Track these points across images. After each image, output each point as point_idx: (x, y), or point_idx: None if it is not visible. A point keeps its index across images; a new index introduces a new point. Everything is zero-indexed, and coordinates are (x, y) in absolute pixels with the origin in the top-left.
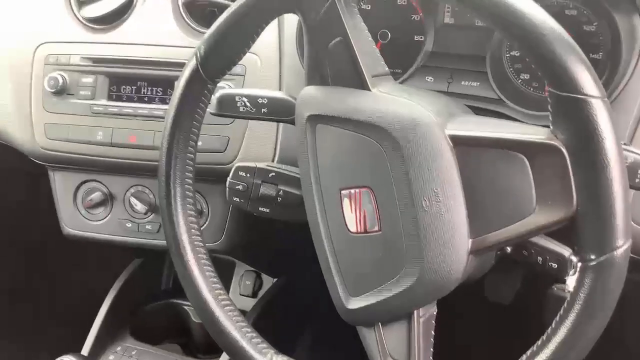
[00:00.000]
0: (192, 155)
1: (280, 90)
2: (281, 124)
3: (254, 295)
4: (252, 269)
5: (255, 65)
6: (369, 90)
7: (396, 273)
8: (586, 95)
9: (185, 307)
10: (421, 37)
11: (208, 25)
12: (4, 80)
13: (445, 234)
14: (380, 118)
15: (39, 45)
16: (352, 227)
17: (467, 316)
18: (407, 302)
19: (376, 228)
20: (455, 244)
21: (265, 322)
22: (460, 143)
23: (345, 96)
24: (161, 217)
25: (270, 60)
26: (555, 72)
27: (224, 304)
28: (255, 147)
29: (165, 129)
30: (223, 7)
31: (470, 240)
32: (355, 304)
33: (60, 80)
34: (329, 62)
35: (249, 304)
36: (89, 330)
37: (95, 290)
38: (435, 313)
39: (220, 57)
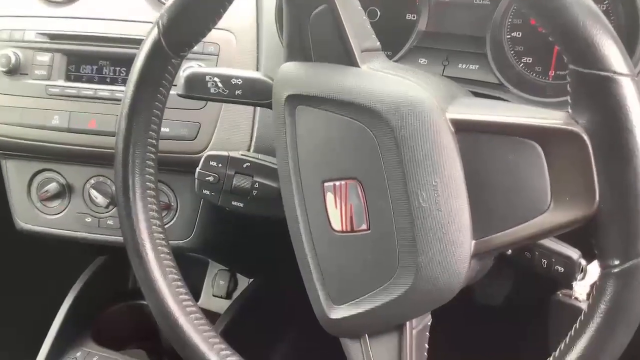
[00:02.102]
0: (153, 141)
1: (257, 70)
2: (258, 109)
3: (228, 296)
4: (226, 268)
5: (230, 43)
6: (358, 66)
7: (387, 279)
8: (614, 72)
9: None
10: (413, 16)
11: None
12: None
13: (444, 234)
14: (370, 98)
15: None
16: (337, 225)
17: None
18: (399, 312)
19: (364, 226)
20: (456, 245)
21: (239, 326)
22: (463, 128)
23: (329, 73)
24: (117, 210)
25: (247, 38)
26: (577, 46)
27: (189, 311)
28: (229, 134)
29: (123, 110)
30: None
31: (474, 241)
32: (339, 313)
33: (13, 58)
34: (311, 35)
35: (222, 305)
36: (45, 335)
37: (53, 291)
38: (429, 323)
39: (187, 26)
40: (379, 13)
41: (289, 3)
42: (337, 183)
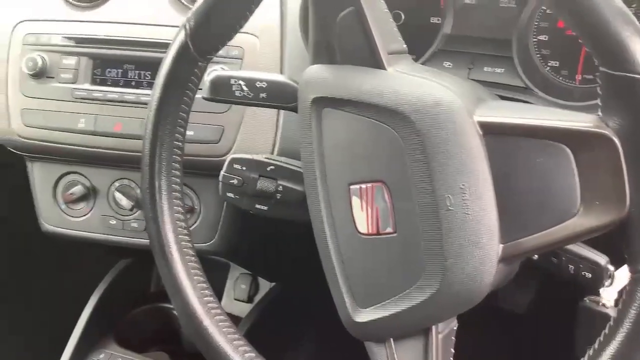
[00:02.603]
0: (179, 144)
1: (281, 73)
2: (282, 112)
3: (249, 300)
4: (247, 272)
5: (254, 47)
6: (384, 69)
7: (413, 282)
8: None
9: (175, 312)
10: (438, 19)
11: None
12: None
13: (471, 238)
14: (397, 101)
15: (18, 24)
16: (363, 228)
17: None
18: (425, 316)
19: (390, 229)
20: (483, 249)
21: (261, 330)
22: (491, 131)
23: (356, 76)
24: (144, 212)
25: (271, 41)
26: (608, 47)
27: (214, 314)
28: (253, 137)
29: (150, 113)
30: None
31: (501, 245)
32: (365, 316)
33: (40, 62)
34: (337, 37)
35: (243, 309)
36: (69, 337)
37: (76, 293)
38: (455, 328)
39: (214, 29)
40: (403, 16)
41: (315, 6)
42: (364, 186)
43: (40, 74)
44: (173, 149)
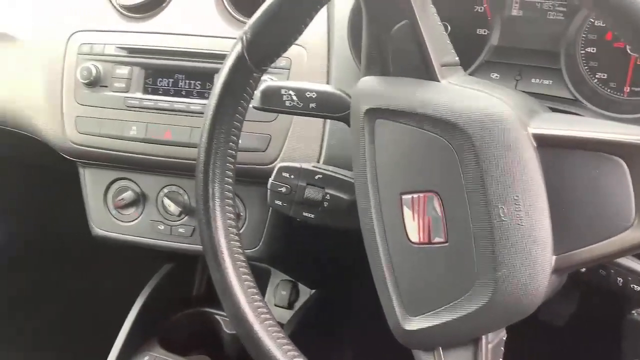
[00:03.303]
0: (233, 152)
1: (328, 84)
2: (328, 121)
3: (289, 306)
4: (288, 278)
5: (301, 57)
6: (437, 81)
7: (464, 292)
8: None
9: (217, 317)
10: (485, 31)
11: (250, 15)
12: (35, 70)
13: (524, 249)
14: (451, 113)
15: (73, 34)
16: (414, 237)
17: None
18: (476, 326)
19: (442, 239)
20: (536, 261)
21: (302, 337)
22: (545, 143)
23: (410, 87)
24: (197, 218)
25: (318, 52)
26: None
27: (264, 318)
28: (299, 146)
29: (206, 121)
30: None
31: (554, 257)
32: (414, 325)
33: (94, 71)
34: (391, 50)
35: (283, 315)
36: (113, 339)
37: (121, 297)
38: (504, 338)
39: (269, 42)
40: (449, 28)
41: (370, 19)
42: (415, 195)
43: (94, 82)
44: (227, 157)
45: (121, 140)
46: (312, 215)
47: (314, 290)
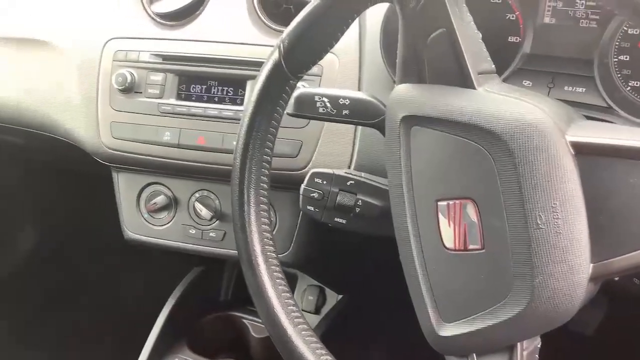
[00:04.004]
0: (268, 158)
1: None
2: (359, 128)
3: (316, 311)
4: (315, 283)
5: (333, 64)
6: (474, 88)
7: (500, 299)
8: None
9: (245, 321)
10: (516, 38)
11: (282, 23)
12: (71, 76)
13: (562, 257)
14: (488, 120)
15: (108, 41)
16: (449, 244)
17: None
18: (511, 333)
19: (478, 245)
20: (573, 268)
21: (331, 342)
22: (583, 151)
23: (446, 95)
24: (232, 223)
25: (349, 59)
26: None
27: (298, 322)
28: (330, 152)
29: (242, 127)
30: (299, 3)
31: (592, 265)
32: (449, 331)
33: (129, 78)
34: (427, 57)
35: (311, 320)
36: (145, 340)
37: (152, 299)
38: (539, 346)
39: (306, 50)
40: (480, 35)
41: (406, 27)
42: (451, 202)
43: (129, 89)
44: (262, 163)
45: (155, 145)
46: (344, 221)
47: (341, 296)
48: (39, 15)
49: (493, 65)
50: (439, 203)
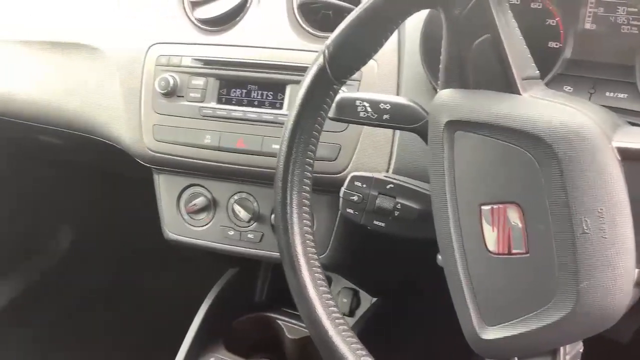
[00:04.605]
0: (311, 161)
1: (397, 95)
2: (398, 132)
3: (350, 314)
4: (349, 285)
5: (372, 69)
6: (519, 94)
7: (544, 303)
8: None
9: (279, 322)
10: (556, 44)
11: (321, 29)
12: (114, 80)
13: (607, 261)
14: (534, 125)
15: (151, 46)
16: (493, 247)
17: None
18: (555, 337)
19: (522, 250)
20: (618, 273)
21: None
22: (629, 157)
23: (491, 100)
24: (275, 224)
25: (388, 64)
26: None
27: (338, 323)
28: (369, 156)
29: (286, 130)
30: (338, 9)
31: (637, 270)
32: (491, 334)
33: (171, 82)
34: (471, 63)
35: None
36: (180, 340)
37: (188, 299)
38: (581, 351)
39: (350, 55)
40: (524, 41)
41: (451, 33)
42: (495, 206)
43: (171, 93)
44: (305, 166)
45: (195, 148)
46: (383, 224)
47: (375, 299)
48: (84, 21)
49: (537, 71)
50: (482, 207)
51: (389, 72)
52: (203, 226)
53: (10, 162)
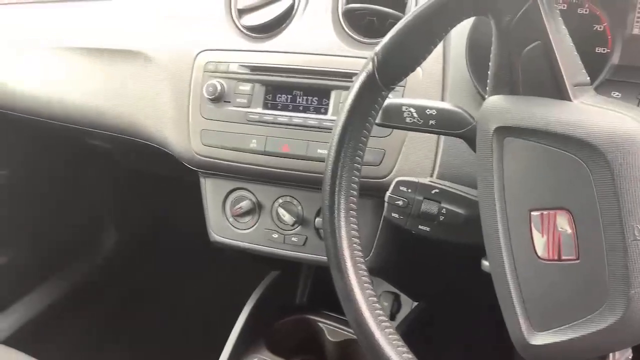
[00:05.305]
0: (358, 166)
1: (442, 101)
2: (442, 138)
3: (391, 318)
4: (390, 289)
5: (417, 75)
6: (570, 100)
7: (595, 309)
8: None
9: (320, 324)
10: (604, 49)
11: (366, 35)
12: (164, 86)
13: None
14: (585, 132)
15: (199, 53)
16: (542, 253)
17: None
18: (604, 343)
19: (573, 256)
20: None
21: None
22: None
23: (542, 106)
24: (322, 228)
25: (433, 69)
26: None
27: (385, 326)
28: (412, 161)
29: (334, 136)
30: (383, 16)
31: None
32: (540, 339)
33: (219, 88)
34: (521, 69)
35: None
36: (224, 339)
37: (229, 301)
38: (630, 357)
39: (399, 62)
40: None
41: (501, 39)
42: (545, 212)
43: (218, 98)
44: (353, 171)
45: (241, 152)
46: (428, 229)
47: (416, 303)
48: (134, 28)
49: (588, 78)
50: (532, 213)
51: (434, 78)
52: (248, 229)
53: (59, 164)
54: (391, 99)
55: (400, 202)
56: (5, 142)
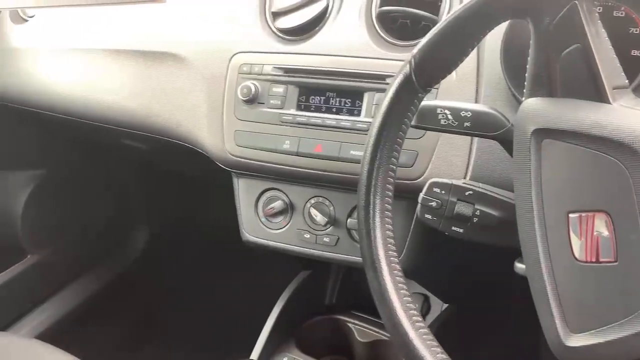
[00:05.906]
0: (394, 167)
1: (476, 103)
2: (476, 140)
3: None
4: (420, 290)
5: (450, 77)
6: (609, 103)
7: (632, 311)
8: None
9: (350, 325)
10: (639, 52)
11: (399, 37)
12: (199, 87)
13: None
14: (625, 135)
15: (234, 55)
16: (580, 255)
17: None
18: None
19: (611, 258)
20: None
21: None
22: None
23: (581, 109)
24: (358, 229)
25: (467, 71)
26: None
27: (419, 326)
28: (446, 163)
29: (370, 137)
30: (417, 18)
31: None
32: (577, 341)
33: (253, 89)
34: (560, 72)
35: None
36: (255, 337)
37: (260, 299)
38: None
39: (436, 65)
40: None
41: (539, 42)
42: (584, 214)
43: (252, 100)
44: (388, 172)
45: (275, 153)
46: (461, 230)
47: (446, 305)
48: (169, 31)
49: (627, 80)
50: (570, 215)
51: (468, 80)
52: (280, 229)
53: (94, 164)
54: (426, 101)
55: (434, 204)
56: (43, 142)
